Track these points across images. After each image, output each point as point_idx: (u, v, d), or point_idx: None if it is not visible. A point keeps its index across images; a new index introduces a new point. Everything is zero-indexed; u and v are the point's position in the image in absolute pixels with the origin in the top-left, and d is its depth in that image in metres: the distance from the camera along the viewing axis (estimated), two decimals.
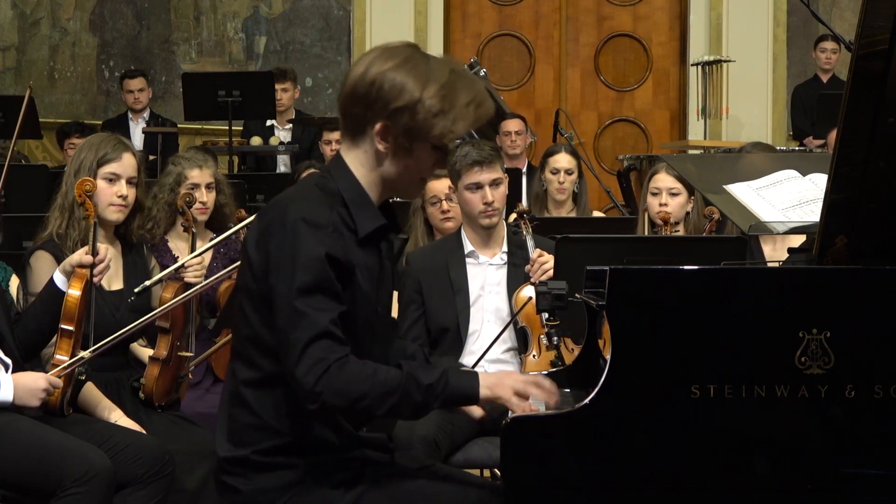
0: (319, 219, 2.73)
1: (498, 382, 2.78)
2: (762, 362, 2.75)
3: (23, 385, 3.65)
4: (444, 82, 2.76)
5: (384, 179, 2.83)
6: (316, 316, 2.68)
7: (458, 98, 2.76)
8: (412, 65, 2.77)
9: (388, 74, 2.75)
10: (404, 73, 2.75)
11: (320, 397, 2.67)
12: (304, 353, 2.67)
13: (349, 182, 2.82)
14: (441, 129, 2.76)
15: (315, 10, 10.97)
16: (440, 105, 2.74)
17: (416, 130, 2.76)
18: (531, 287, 4.29)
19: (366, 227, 2.80)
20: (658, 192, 5.03)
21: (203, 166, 5.07)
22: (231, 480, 2.82)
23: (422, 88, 2.74)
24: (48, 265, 4.04)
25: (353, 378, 2.69)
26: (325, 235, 2.72)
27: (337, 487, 2.79)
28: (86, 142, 4.25)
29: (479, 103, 2.80)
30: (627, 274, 2.81)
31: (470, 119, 2.79)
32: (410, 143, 2.78)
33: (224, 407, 2.89)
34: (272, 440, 2.79)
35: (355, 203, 2.80)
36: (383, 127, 2.77)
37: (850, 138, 2.82)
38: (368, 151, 2.82)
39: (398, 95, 2.74)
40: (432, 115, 2.74)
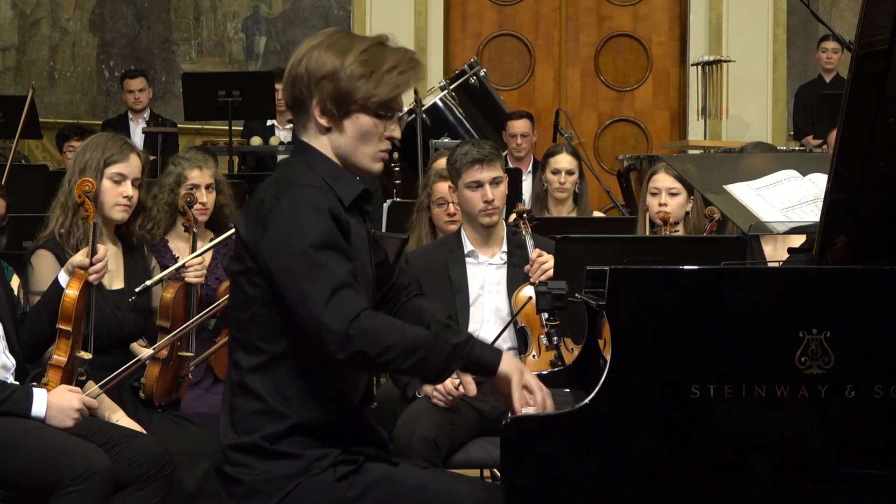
0: (311, 181, 2.81)
1: (517, 367, 2.82)
2: (762, 362, 2.75)
3: (56, 405, 3.64)
4: (364, 49, 2.86)
5: (339, 155, 2.90)
6: (334, 267, 2.73)
7: (382, 62, 2.85)
8: (334, 40, 2.88)
9: (313, 52, 2.87)
10: (325, 48, 2.87)
11: (352, 342, 2.69)
12: (329, 302, 2.70)
13: (319, 160, 2.89)
14: (364, 91, 2.84)
15: (315, 10, 10.97)
16: (361, 69, 2.84)
17: (340, 97, 2.84)
18: (531, 287, 4.29)
19: (348, 194, 2.88)
20: (658, 192, 5.02)
21: (203, 167, 5.07)
22: (234, 471, 2.83)
23: (342, 57, 2.85)
24: (49, 264, 4.05)
25: (384, 328, 2.73)
26: (320, 194, 2.79)
27: (340, 480, 2.80)
28: (91, 141, 4.24)
29: (405, 69, 2.89)
30: (627, 274, 2.81)
31: (395, 82, 2.87)
32: (340, 111, 2.85)
33: (226, 401, 2.90)
34: (278, 424, 2.80)
35: (331, 176, 2.87)
36: (318, 101, 2.86)
37: (850, 138, 2.82)
38: (318, 130, 2.90)
39: (321, 67, 2.85)
40: (354, 79, 2.83)
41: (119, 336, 4.13)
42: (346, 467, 2.81)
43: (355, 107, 2.85)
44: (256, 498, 2.81)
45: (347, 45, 2.86)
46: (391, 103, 2.89)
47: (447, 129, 8.52)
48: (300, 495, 2.79)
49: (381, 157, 2.94)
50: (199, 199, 4.97)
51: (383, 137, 2.90)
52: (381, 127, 2.89)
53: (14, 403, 3.63)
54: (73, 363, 3.84)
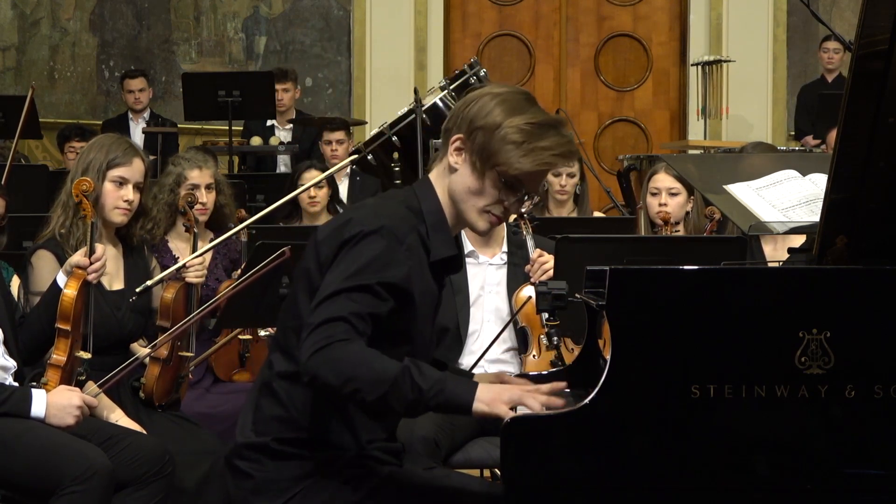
0: (402, 234, 2.77)
1: (495, 398, 2.73)
2: (762, 362, 2.75)
3: (56, 403, 3.64)
4: (534, 121, 2.80)
5: (452, 198, 2.87)
6: (343, 305, 2.70)
7: (541, 139, 2.80)
8: (511, 99, 2.84)
9: (485, 98, 2.83)
10: (498, 101, 2.82)
11: (312, 370, 2.67)
12: (314, 331, 2.69)
13: (433, 204, 2.87)
14: (508, 157, 2.79)
15: (315, 10, 10.97)
16: (518, 136, 2.78)
17: (485, 153, 2.80)
18: (531, 287, 4.29)
19: (439, 252, 2.86)
20: (657, 192, 5.03)
21: (203, 167, 5.07)
22: (245, 466, 2.86)
23: (508, 117, 2.80)
24: (49, 264, 4.05)
25: (349, 358, 2.68)
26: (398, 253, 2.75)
27: (347, 483, 2.82)
28: (95, 141, 4.24)
29: (560, 154, 2.83)
30: (627, 274, 2.81)
31: (542, 161, 2.80)
32: (481, 165, 2.81)
33: (252, 396, 2.92)
34: (294, 433, 2.82)
35: (434, 226, 2.86)
36: (459, 139, 2.83)
37: (850, 138, 2.82)
38: (446, 166, 2.88)
39: (484, 116, 2.81)
40: (505, 143, 2.78)
41: (119, 336, 4.13)
42: (353, 470, 2.83)
43: (492, 169, 2.81)
44: (264, 495, 2.83)
45: (520, 109, 2.81)
46: (527, 181, 2.84)
47: None
48: (307, 496, 2.81)
49: (489, 220, 2.89)
50: (199, 198, 4.97)
51: (500, 204, 2.86)
52: (504, 195, 2.85)
53: (13, 404, 3.63)
54: (72, 363, 3.84)
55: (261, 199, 7.04)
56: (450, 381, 2.74)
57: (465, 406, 2.73)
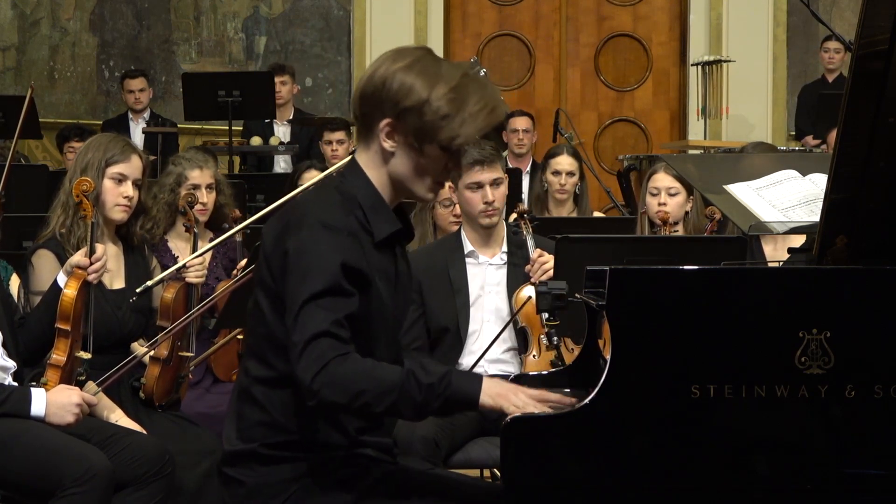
0: (337, 223, 2.74)
1: (502, 393, 2.75)
2: (762, 362, 2.75)
3: (56, 402, 3.64)
4: (454, 85, 2.75)
5: (393, 179, 2.83)
6: (320, 316, 2.68)
7: (468, 102, 2.75)
8: (422, 66, 2.78)
9: (398, 74, 2.76)
10: (414, 74, 2.76)
11: (319, 394, 2.67)
12: (304, 351, 2.67)
13: (365, 186, 2.82)
14: (448, 132, 2.75)
15: (315, 10, 10.97)
16: (448, 108, 2.74)
17: (423, 132, 2.76)
18: (531, 287, 4.29)
19: (382, 230, 2.82)
20: (657, 192, 5.02)
21: (203, 167, 5.07)
22: (235, 473, 2.84)
23: (430, 89, 2.74)
24: (50, 264, 4.05)
25: (352, 374, 2.68)
26: (342, 240, 2.72)
27: (341, 484, 2.80)
28: (92, 141, 4.25)
29: (491, 109, 2.79)
30: (627, 274, 2.81)
31: (479, 124, 2.77)
32: (419, 144, 2.77)
33: (233, 404, 2.90)
34: (280, 436, 2.80)
35: (371, 208, 2.81)
36: (389, 125, 2.78)
37: (850, 138, 2.82)
38: (377, 151, 2.82)
39: (406, 95, 2.75)
40: (440, 118, 2.74)
41: (120, 336, 4.13)
42: (347, 470, 2.81)
43: (434, 145, 2.78)
44: (258, 500, 2.81)
45: (436, 75, 2.76)
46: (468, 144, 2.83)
47: None
48: (301, 498, 2.79)
49: (438, 189, 2.88)
50: (200, 199, 4.97)
51: (446, 171, 2.84)
52: (448, 161, 2.82)
53: (13, 404, 3.63)
54: (72, 363, 3.84)
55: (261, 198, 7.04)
56: (455, 375, 2.74)
57: (473, 399, 2.73)
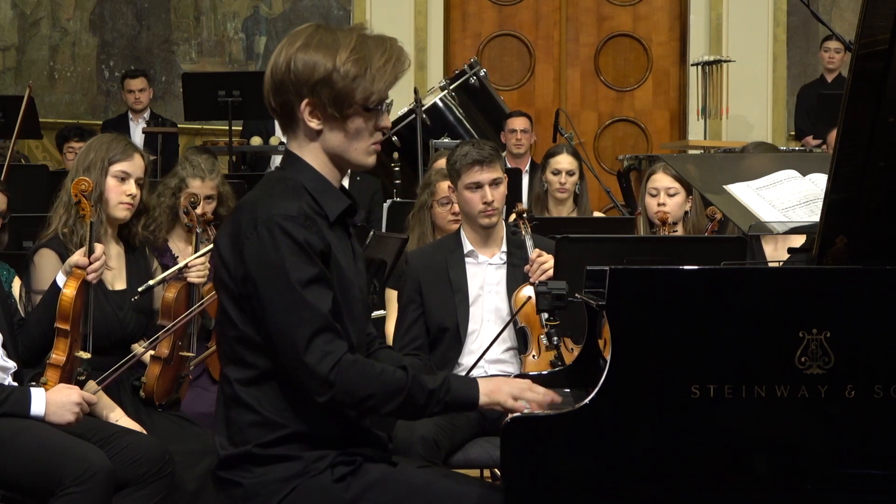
0: (290, 211, 2.77)
1: (496, 388, 2.84)
2: (762, 362, 2.75)
3: (55, 401, 3.65)
4: (353, 47, 2.81)
5: (331, 155, 2.87)
6: (316, 307, 2.72)
7: (372, 58, 2.81)
8: (318, 39, 2.83)
9: (298, 55, 2.81)
10: (313, 50, 2.81)
11: (332, 389, 2.71)
12: (310, 345, 2.70)
13: (306, 171, 2.86)
14: (363, 91, 2.80)
15: (315, 10, 10.97)
16: (355, 69, 2.79)
17: (340, 99, 2.80)
18: (531, 287, 4.29)
19: (333, 209, 2.85)
20: (656, 192, 5.02)
21: (206, 178, 5.05)
22: (231, 475, 2.83)
23: (333, 58, 2.80)
24: (52, 263, 4.05)
25: (363, 376, 2.74)
26: (299, 226, 2.75)
27: (338, 481, 2.79)
28: (94, 141, 4.26)
29: (395, 59, 2.84)
30: (627, 274, 2.81)
31: (389, 76, 2.83)
32: (340, 113, 2.82)
33: (220, 411, 2.89)
34: (274, 433, 2.80)
35: (318, 190, 2.85)
36: (308, 104, 2.82)
37: (850, 138, 2.82)
38: (306, 134, 2.86)
39: (313, 71, 2.80)
40: (350, 80, 2.79)
41: (121, 336, 4.13)
42: (344, 468, 2.81)
43: (355, 107, 2.82)
44: (255, 500, 2.80)
45: (333, 43, 2.81)
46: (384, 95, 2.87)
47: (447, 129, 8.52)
48: (298, 497, 2.79)
49: (375, 150, 2.91)
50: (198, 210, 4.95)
51: (375, 130, 2.88)
52: (374, 121, 2.86)
53: (13, 404, 3.63)
54: (71, 363, 3.85)
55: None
56: (453, 379, 2.84)
57: (472, 400, 2.82)
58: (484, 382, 2.86)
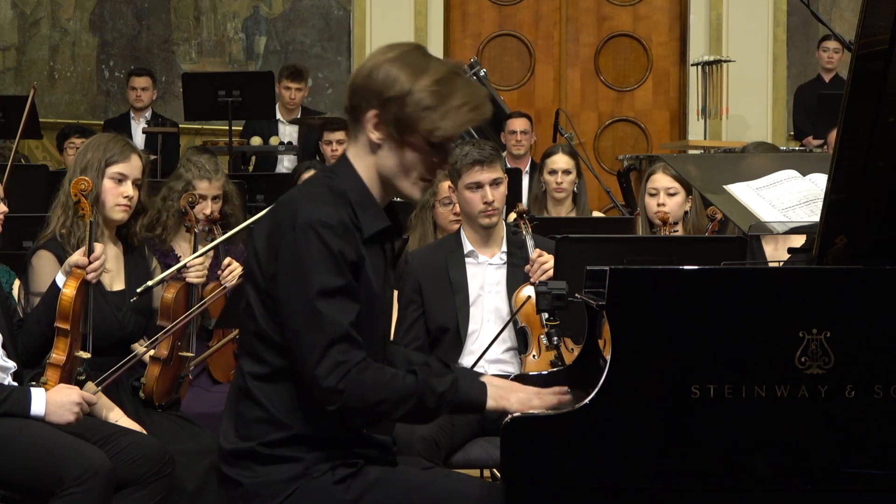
0: (330, 219, 2.75)
1: (504, 396, 2.85)
2: (762, 362, 2.75)
3: (55, 401, 3.65)
4: (438, 78, 2.78)
5: (381, 175, 2.85)
6: (336, 317, 2.72)
7: (452, 97, 2.77)
8: (410, 58, 2.80)
9: (384, 66, 2.79)
10: (399, 66, 2.79)
11: (341, 398, 2.72)
12: (325, 355, 2.71)
13: (354, 182, 2.84)
14: (429, 123, 2.77)
15: (315, 10, 10.97)
16: (430, 100, 2.76)
17: (404, 122, 2.78)
18: (531, 287, 4.29)
19: (371, 227, 2.83)
20: (656, 192, 5.02)
21: (213, 179, 5.06)
22: (233, 473, 2.84)
23: (414, 81, 2.77)
24: (50, 264, 4.05)
25: (374, 383, 2.75)
26: (336, 235, 2.74)
27: (339, 483, 2.80)
28: (92, 141, 4.25)
29: (475, 107, 2.80)
30: (627, 274, 2.81)
31: (461, 120, 2.79)
32: (400, 136, 2.79)
33: (231, 403, 2.90)
34: (279, 433, 2.81)
35: (360, 203, 2.82)
36: (375, 115, 2.80)
37: (850, 138, 2.82)
38: (365, 143, 2.85)
39: (390, 85, 2.77)
40: (421, 109, 2.76)
41: (120, 337, 4.13)
42: (345, 470, 2.81)
43: (416, 136, 2.79)
44: (255, 501, 2.81)
45: (421, 68, 2.78)
46: (451, 139, 2.84)
47: None
48: (299, 499, 2.79)
49: (424, 186, 2.88)
50: (204, 209, 4.95)
51: (430, 167, 2.85)
52: (433, 158, 2.84)
53: (13, 404, 3.63)
54: (71, 363, 3.85)
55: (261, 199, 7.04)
56: (461, 381, 2.85)
57: (480, 404, 2.84)
58: (493, 388, 2.86)
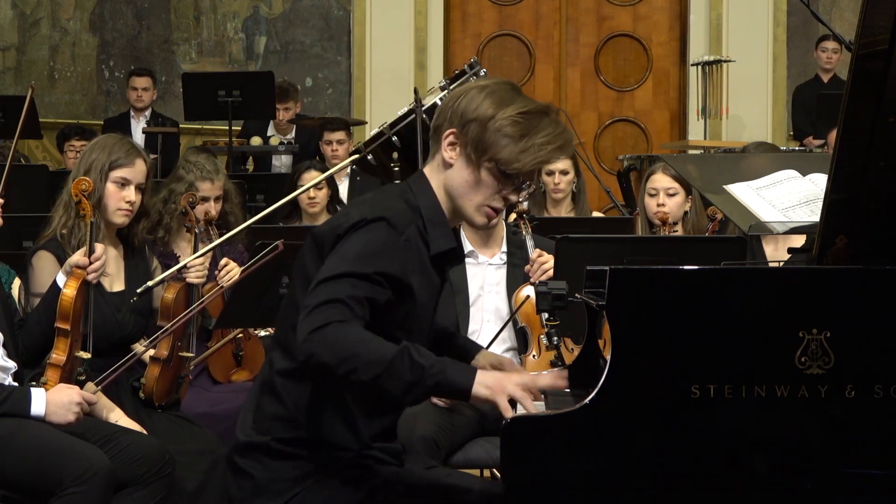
0: (400, 225, 2.78)
1: (496, 385, 2.75)
2: (762, 362, 2.75)
3: (56, 401, 3.65)
4: (524, 111, 2.81)
5: (448, 191, 2.87)
6: (341, 287, 2.69)
7: (537, 131, 2.80)
8: (500, 91, 2.84)
9: (472, 91, 2.84)
10: (487, 93, 2.83)
11: (310, 349, 2.66)
12: (312, 312, 2.68)
13: (429, 200, 2.87)
14: (507, 153, 2.79)
15: (315, 10, 10.97)
16: (513, 129, 2.79)
17: (481, 145, 2.79)
18: (531, 287, 4.29)
19: (439, 245, 2.86)
20: (655, 192, 5.02)
21: (215, 179, 5.07)
22: (245, 464, 2.86)
23: (499, 108, 2.80)
24: (50, 265, 4.05)
25: (348, 338, 2.67)
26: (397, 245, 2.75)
27: (347, 484, 2.82)
28: (98, 142, 4.24)
29: (557, 146, 2.83)
30: (627, 274, 2.81)
31: (540, 156, 2.81)
32: (476, 158, 2.81)
33: (254, 394, 2.93)
34: (294, 432, 2.83)
35: (431, 220, 2.85)
36: (452, 134, 2.83)
37: (850, 138, 2.82)
38: (440, 162, 2.88)
39: (474, 109, 2.81)
40: (502, 136, 2.79)
41: (120, 337, 4.13)
42: (353, 471, 2.84)
43: (491, 163, 2.81)
44: (264, 496, 2.84)
45: (509, 100, 2.82)
46: (525, 173, 2.85)
47: None
48: (307, 497, 2.81)
49: (487, 214, 2.88)
50: (208, 210, 4.95)
51: (498, 195, 2.86)
52: (503, 187, 2.85)
53: (13, 404, 3.63)
54: (71, 363, 3.85)
55: (261, 199, 7.04)
56: (450, 364, 2.75)
57: (465, 388, 2.72)
58: (485, 376, 2.76)
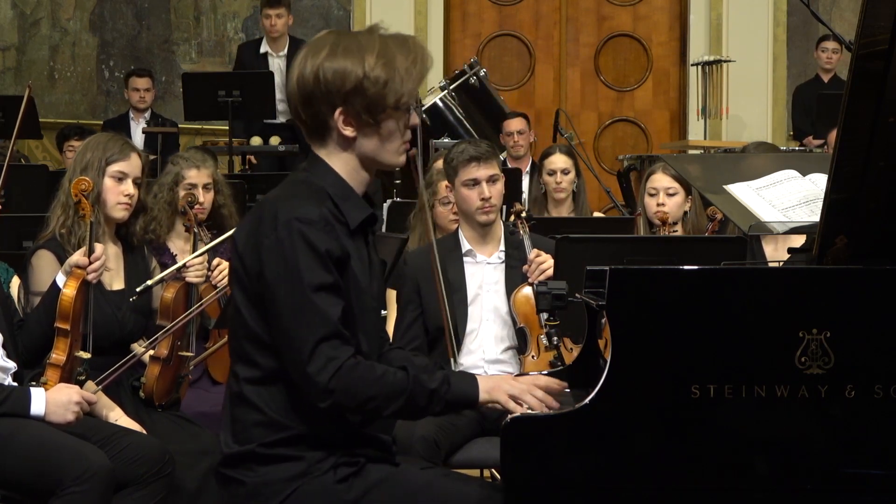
0: (312, 215, 2.77)
1: (495, 386, 2.85)
2: (762, 362, 2.75)
3: (55, 401, 3.65)
4: (378, 51, 2.82)
5: (364, 160, 2.88)
6: (326, 313, 2.73)
7: (397, 60, 2.82)
8: (342, 46, 2.83)
9: (326, 64, 2.81)
10: (340, 58, 2.81)
11: (332, 395, 2.72)
12: (315, 352, 2.71)
13: (331, 177, 2.87)
14: (394, 94, 2.82)
15: (315, 10, 10.97)
16: (384, 74, 2.81)
17: (373, 105, 2.82)
18: (530, 287, 4.29)
19: (355, 217, 2.85)
20: (655, 192, 5.02)
21: (201, 166, 5.08)
22: (235, 473, 2.84)
23: (361, 65, 2.80)
24: (50, 264, 4.05)
25: (364, 380, 2.75)
26: (319, 231, 2.76)
27: (341, 482, 2.80)
28: (91, 140, 4.25)
29: (420, 58, 2.87)
30: (627, 274, 2.81)
31: (416, 75, 2.85)
32: (374, 118, 2.83)
33: (227, 409, 2.90)
34: (278, 434, 2.81)
35: (341, 197, 2.85)
36: (342, 112, 2.82)
37: (850, 138, 2.82)
38: (339, 142, 2.87)
39: (343, 80, 2.80)
40: (382, 86, 2.81)
41: (120, 336, 4.13)
42: (346, 469, 2.82)
43: (388, 111, 2.83)
44: (258, 500, 2.81)
45: (357, 49, 2.82)
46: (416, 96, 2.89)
47: (447, 129, 8.53)
48: (301, 498, 2.80)
49: (405, 150, 2.92)
50: (198, 198, 4.96)
51: (405, 129, 2.89)
52: (404, 120, 2.88)
53: (12, 404, 3.63)
54: (71, 362, 3.85)
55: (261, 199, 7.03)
56: (452, 377, 2.85)
57: (472, 398, 2.84)
58: (484, 380, 2.87)
